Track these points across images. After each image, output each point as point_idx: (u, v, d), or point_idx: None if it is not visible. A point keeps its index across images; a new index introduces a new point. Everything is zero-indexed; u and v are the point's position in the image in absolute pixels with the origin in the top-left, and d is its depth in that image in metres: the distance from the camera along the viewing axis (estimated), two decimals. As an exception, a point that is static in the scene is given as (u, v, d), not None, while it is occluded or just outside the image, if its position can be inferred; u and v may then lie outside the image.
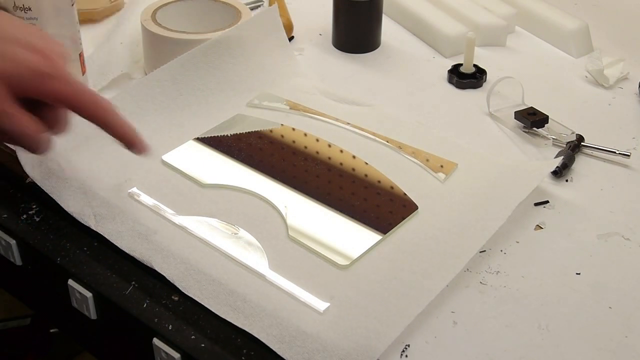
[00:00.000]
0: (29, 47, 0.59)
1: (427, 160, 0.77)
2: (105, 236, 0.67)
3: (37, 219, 0.70)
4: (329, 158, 0.77)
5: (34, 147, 0.61)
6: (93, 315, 0.65)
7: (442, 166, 0.76)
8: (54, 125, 0.62)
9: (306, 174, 0.75)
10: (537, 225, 0.71)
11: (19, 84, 0.59)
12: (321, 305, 0.60)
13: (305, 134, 0.80)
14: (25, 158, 0.73)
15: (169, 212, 0.69)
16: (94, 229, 0.67)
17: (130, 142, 0.64)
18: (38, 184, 0.71)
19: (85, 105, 0.61)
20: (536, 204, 0.73)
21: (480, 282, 0.64)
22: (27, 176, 0.72)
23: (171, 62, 0.82)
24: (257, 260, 0.64)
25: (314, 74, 0.93)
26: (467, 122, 0.85)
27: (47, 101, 0.61)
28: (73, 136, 0.70)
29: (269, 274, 0.63)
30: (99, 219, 0.68)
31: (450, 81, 0.93)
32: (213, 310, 0.60)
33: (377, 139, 0.80)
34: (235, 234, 0.67)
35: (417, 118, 0.85)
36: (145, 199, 0.70)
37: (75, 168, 0.73)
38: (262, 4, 1.07)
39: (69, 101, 0.61)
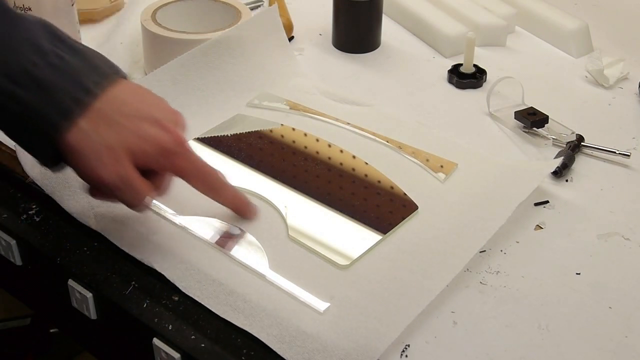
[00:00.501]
0: (154, 122, 0.62)
1: (427, 160, 0.76)
2: (105, 236, 0.67)
3: (37, 219, 0.70)
4: (329, 158, 0.77)
5: (139, 209, 0.64)
6: (93, 315, 0.65)
7: (442, 166, 0.76)
8: (159, 188, 0.64)
9: (306, 174, 0.75)
10: (537, 225, 0.71)
11: (144, 158, 0.61)
12: (321, 305, 0.60)
13: (305, 134, 0.80)
14: (25, 158, 0.73)
15: (169, 212, 0.69)
16: (94, 229, 0.67)
17: (242, 212, 0.69)
18: (38, 184, 0.71)
19: (201, 180, 0.65)
20: (536, 204, 0.73)
21: (480, 282, 0.64)
22: (27, 176, 0.72)
23: (171, 62, 0.82)
24: (257, 260, 0.64)
25: (314, 74, 0.93)
26: (467, 122, 0.85)
27: (164, 172, 0.64)
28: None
29: (269, 274, 0.63)
30: (99, 219, 0.68)
31: (450, 81, 0.92)
32: (213, 310, 0.60)
33: (377, 139, 0.80)
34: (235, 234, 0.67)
35: (417, 118, 0.85)
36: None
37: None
38: (262, 4, 1.07)
39: (186, 176, 0.65)
